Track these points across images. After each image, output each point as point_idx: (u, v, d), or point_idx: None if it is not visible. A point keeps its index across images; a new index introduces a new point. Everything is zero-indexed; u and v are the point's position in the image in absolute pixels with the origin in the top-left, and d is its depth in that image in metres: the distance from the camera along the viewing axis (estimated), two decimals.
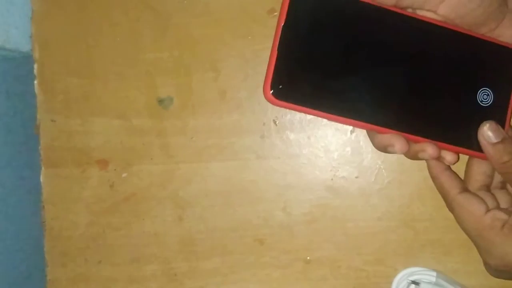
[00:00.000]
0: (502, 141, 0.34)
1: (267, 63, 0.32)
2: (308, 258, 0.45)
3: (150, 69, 0.45)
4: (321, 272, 0.45)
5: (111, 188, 0.45)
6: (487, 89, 0.35)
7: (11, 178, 0.45)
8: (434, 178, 0.37)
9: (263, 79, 0.35)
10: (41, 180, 0.45)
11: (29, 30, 0.45)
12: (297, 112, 0.44)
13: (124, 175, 0.45)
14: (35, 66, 0.46)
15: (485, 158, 0.35)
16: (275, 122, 0.44)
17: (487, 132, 0.34)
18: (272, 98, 0.31)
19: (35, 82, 0.46)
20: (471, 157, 0.37)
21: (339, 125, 0.44)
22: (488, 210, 0.35)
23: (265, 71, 0.32)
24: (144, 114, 0.45)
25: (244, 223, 0.45)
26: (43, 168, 0.45)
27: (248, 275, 0.45)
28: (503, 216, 0.34)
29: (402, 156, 0.37)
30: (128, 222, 0.45)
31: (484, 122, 0.34)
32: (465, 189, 0.36)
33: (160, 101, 0.45)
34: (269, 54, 0.33)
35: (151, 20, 0.45)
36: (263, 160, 0.45)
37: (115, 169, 0.45)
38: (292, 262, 0.45)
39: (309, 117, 0.44)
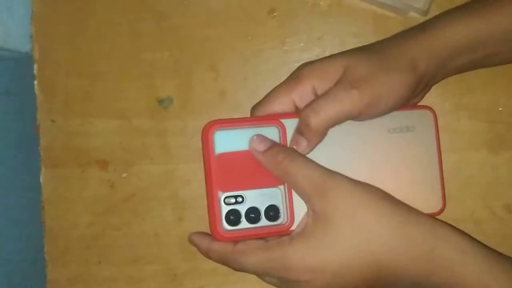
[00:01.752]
0: (271, 147, 0.35)
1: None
2: None
3: (150, 69, 0.45)
4: None
5: (111, 188, 0.45)
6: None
7: (11, 178, 0.45)
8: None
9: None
10: (41, 180, 0.45)
11: (29, 30, 0.45)
12: None
13: (124, 175, 0.45)
14: (35, 66, 0.46)
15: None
16: None
17: (253, 144, 0.35)
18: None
19: (35, 82, 0.46)
20: None
21: None
22: None
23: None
24: (144, 114, 0.45)
25: None
26: (43, 168, 0.45)
27: (248, 275, 0.45)
28: None
29: None
30: (128, 222, 0.45)
31: (252, 137, 0.35)
32: None
33: (160, 101, 0.45)
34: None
35: (151, 21, 0.45)
36: None
37: (115, 169, 0.45)
38: None
39: None
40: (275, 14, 0.45)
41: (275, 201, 0.35)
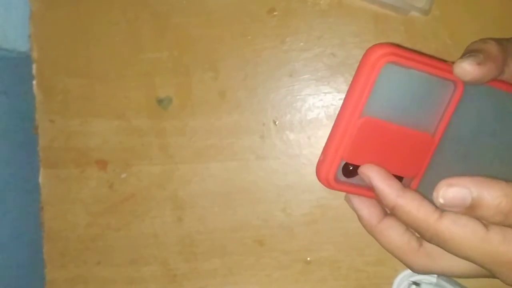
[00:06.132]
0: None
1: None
2: (308, 259, 0.44)
3: (149, 69, 0.45)
4: (321, 273, 0.44)
5: (110, 189, 0.45)
6: None
7: (10, 179, 0.44)
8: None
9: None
10: (40, 180, 0.45)
11: (28, 30, 0.45)
12: (297, 112, 0.44)
13: (123, 175, 0.45)
14: (34, 66, 0.45)
15: None
16: (274, 122, 0.44)
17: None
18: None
19: (34, 82, 0.45)
20: None
21: None
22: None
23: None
24: (143, 114, 0.45)
25: (244, 224, 0.45)
26: (41, 168, 0.45)
27: (248, 276, 0.45)
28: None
29: None
30: (127, 222, 0.45)
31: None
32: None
33: (160, 101, 0.45)
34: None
35: (151, 20, 0.45)
36: (263, 161, 0.44)
37: (114, 170, 0.45)
38: (292, 263, 0.45)
39: (309, 117, 0.44)
40: (275, 13, 0.45)
41: None
